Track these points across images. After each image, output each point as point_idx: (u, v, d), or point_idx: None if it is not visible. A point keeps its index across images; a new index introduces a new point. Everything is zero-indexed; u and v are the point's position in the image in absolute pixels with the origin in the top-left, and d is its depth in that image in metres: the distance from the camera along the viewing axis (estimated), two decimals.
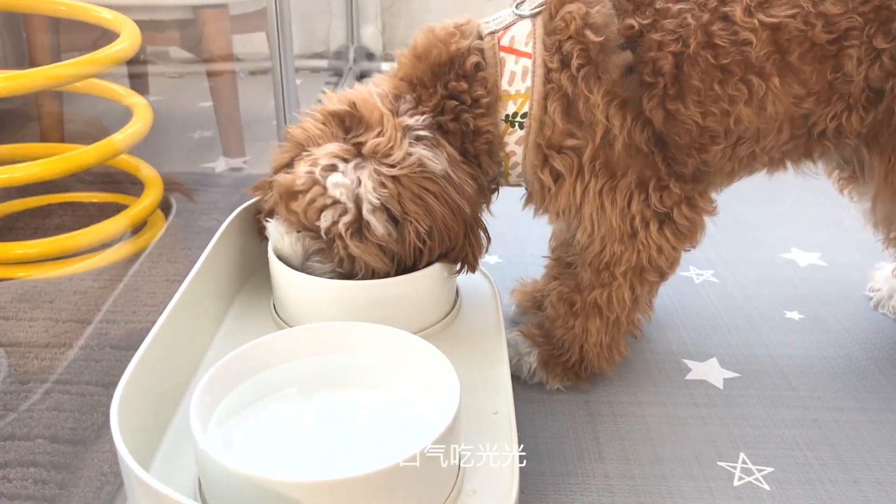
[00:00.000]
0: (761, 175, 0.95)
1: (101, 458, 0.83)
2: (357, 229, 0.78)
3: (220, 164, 1.68)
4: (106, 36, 1.33)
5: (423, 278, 0.83)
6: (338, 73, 2.36)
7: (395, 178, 0.77)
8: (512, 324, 1.04)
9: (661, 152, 0.83)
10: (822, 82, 0.81)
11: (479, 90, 0.82)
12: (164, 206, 1.40)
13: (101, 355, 1.01)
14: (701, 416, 0.91)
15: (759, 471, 0.83)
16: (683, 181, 0.85)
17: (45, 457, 0.83)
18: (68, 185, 1.42)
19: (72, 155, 1.21)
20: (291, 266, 0.84)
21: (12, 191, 1.40)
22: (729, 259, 1.26)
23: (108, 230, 1.26)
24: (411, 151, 0.78)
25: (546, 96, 0.81)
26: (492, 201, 0.91)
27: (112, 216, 1.28)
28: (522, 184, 0.90)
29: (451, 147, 0.82)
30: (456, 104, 0.82)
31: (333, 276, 0.83)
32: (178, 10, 1.60)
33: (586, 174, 0.82)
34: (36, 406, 0.91)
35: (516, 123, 0.83)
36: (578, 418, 0.91)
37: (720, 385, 0.96)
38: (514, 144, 0.85)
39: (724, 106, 0.81)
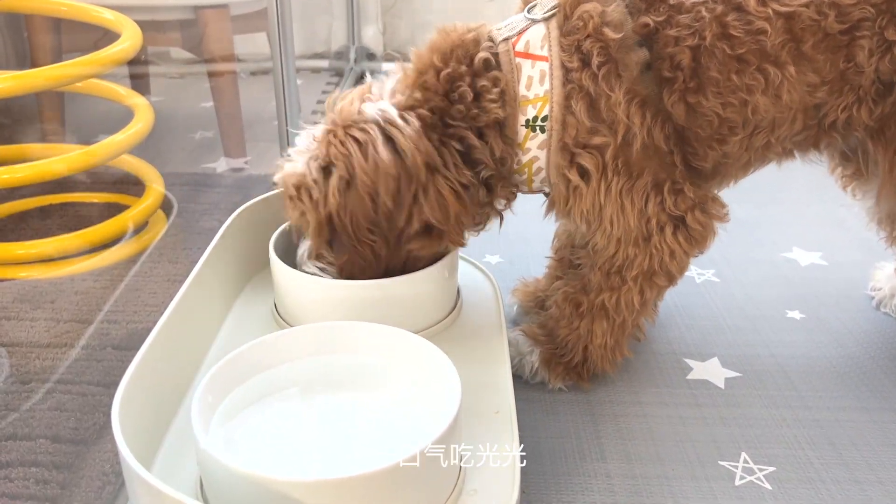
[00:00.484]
0: (762, 174, 0.95)
1: (103, 458, 0.83)
2: (307, 188, 0.80)
3: (222, 165, 1.68)
4: (107, 36, 1.33)
5: (424, 278, 0.84)
6: (339, 73, 2.36)
7: (329, 129, 0.80)
8: (513, 323, 1.04)
9: (679, 151, 0.84)
10: (834, 72, 0.82)
11: (491, 94, 0.81)
12: (166, 206, 1.40)
13: (102, 355, 1.01)
14: (702, 416, 0.91)
15: (761, 470, 0.83)
16: (697, 185, 0.85)
17: (47, 456, 0.83)
18: (70, 185, 1.42)
19: (73, 155, 1.21)
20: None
21: (14, 191, 1.40)
22: (730, 258, 1.26)
23: (109, 230, 1.26)
24: (362, 109, 0.80)
25: (568, 96, 0.81)
26: (511, 202, 0.89)
27: (113, 216, 1.28)
28: (546, 189, 0.89)
29: (436, 132, 0.80)
30: (463, 107, 0.81)
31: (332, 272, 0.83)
32: (179, 11, 1.60)
33: (609, 173, 0.82)
34: (37, 406, 0.91)
35: (537, 127, 0.82)
36: (580, 418, 0.91)
37: (722, 385, 0.96)
38: (537, 149, 0.84)
39: (743, 96, 0.82)
